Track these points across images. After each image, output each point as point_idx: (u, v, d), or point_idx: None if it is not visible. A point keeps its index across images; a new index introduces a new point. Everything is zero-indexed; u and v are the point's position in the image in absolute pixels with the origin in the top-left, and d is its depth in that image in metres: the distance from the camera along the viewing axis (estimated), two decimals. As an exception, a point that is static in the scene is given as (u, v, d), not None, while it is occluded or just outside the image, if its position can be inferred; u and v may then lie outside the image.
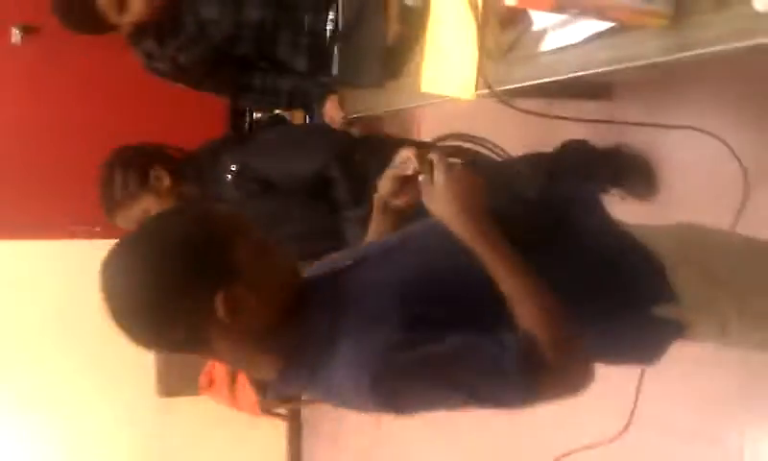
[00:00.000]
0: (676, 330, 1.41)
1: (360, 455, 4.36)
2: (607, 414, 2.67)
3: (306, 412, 5.08)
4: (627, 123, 2.40)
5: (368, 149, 2.39)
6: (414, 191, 1.36)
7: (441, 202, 1.27)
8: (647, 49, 1.31)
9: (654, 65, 1.33)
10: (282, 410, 4.79)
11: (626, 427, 2.61)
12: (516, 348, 1.16)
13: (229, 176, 2.37)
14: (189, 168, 2.43)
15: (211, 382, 4.53)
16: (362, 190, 2.18)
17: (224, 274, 1.17)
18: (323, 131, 2.54)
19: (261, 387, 1.32)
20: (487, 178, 1.32)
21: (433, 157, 1.30)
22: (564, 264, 1.33)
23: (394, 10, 2.10)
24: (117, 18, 2.34)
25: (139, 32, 2.43)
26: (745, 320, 1.47)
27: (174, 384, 4.55)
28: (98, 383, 4.49)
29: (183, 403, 4.64)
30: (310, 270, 1.43)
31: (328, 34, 2.42)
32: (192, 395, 4.56)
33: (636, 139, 2.56)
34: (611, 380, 2.61)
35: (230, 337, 1.21)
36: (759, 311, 1.48)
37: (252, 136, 2.64)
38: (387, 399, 1.18)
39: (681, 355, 2.33)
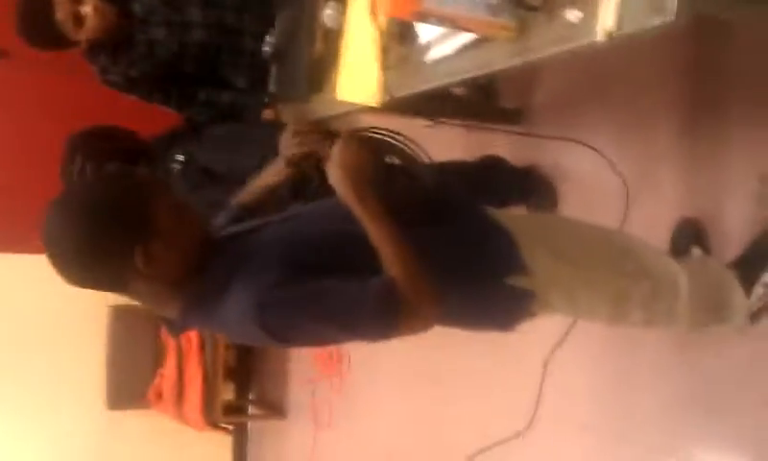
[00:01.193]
0: (526, 298, 1.66)
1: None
2: (513, 411, 2.91)
3: (252, 426, 5.23)
4: (519, 134, 2.70)
5: None
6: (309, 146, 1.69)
7: (332, 167, 1.53)
8: (498, 56, 1.59)
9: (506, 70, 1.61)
10: (227, 425, 4.93)
11: (530, 423, 2.86)
12: (378, 286, 1.42)
13: (177, 166, 2.59)
14: (142, 159, 2.64)
15: (159, 396, 4.68)
16: (302, 186, 2.41)
17: (142, 229, 1.41)
18: (269, 128, 2.77)
19: (168, 323, 1.56)
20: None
21: (342, 134, 1.58)
22: (435, 236, 1.59)
23: (319, 31, 2.38)
24: (75, 34, 2.59)
25: (95, 48, 2.67)
26: (593, 296, 1.74)
27: (123, 398, 4.71)
28: (47, 397, 4.58)
29: (132, 417, 4.78)
30: (224, 230, 1.68)
31: (265, 55, 2.70)
32: (140, 408, 4.71)
33: (537, 157, 2.84)
34: (514, 380, 2.88)
35: (145, 282, 1.45)
36: (604, 287, 1.74)
37: (202, 130, 2.85)
38: (269, 328, 1.42)
39: (577, 353, 2.60)
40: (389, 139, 1.70)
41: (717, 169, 2.23)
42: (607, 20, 1.33)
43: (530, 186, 2.84)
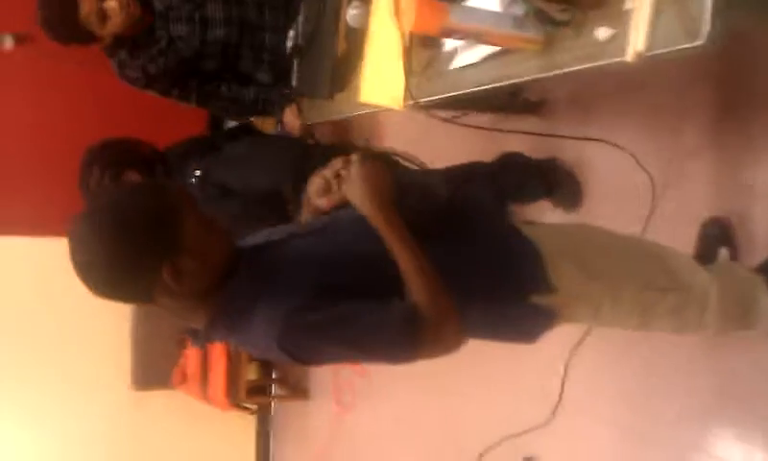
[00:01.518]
0: (549, 317, 1.65)
1: (325, 447, 4.56)
2: (534, 405, 2.91)
3: (275, 407, 5.29)
4: (540, 134, 2.66)
5: (323, 161, 2.59)
6: (337, 194, 1.62)
7: (354, 188, 1.53)
8: (525, 69, 1.57)
9: (540, 79, 1.59)
10: (251, 405, 4.99)
11: (553, 414, 2.86)
12: (401, 310, 1.42)
13: (194, 180, 2.60)
14: (160, 169, 2.65)
15: (184, 377, 4.74)
16: None
17: (171, 245, 1.40)
18: (284, 147, 2.79)
19: (192, 333, 1.57)
20: (401, 176, 1.59)
21: (354, 156, 1.57)
22: (457, 254, 1.58)
23: (341, 30, 2.36)
24: (99, 30, 2.59)
25: (115, 44, 2.67)
26: (619, 310, 1.71)
27: (148, 378, 4.78)
28: (74, 378, 4.65)
29: (157, 397, 4.84)
30: (248, 239, 1.67)
31: (288, 50, 2.70)
32: (165, 389, 4.77)
33: (560, 153, 2.81)
34: (536, 372, 2.88)
35: (173, 296, 1.45)
36: (632, 302, 1.72)
37: (221, 144, 2.85)
38: (291, 349, 1.43)
39: (601, 347, 2.59)
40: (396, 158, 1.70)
41: (747, 170, 2.20)
42: (638, 41, 1.31)
43: (554, 182, 2.81)
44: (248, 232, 2.60)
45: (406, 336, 1.41)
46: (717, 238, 2.22)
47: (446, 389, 3.49)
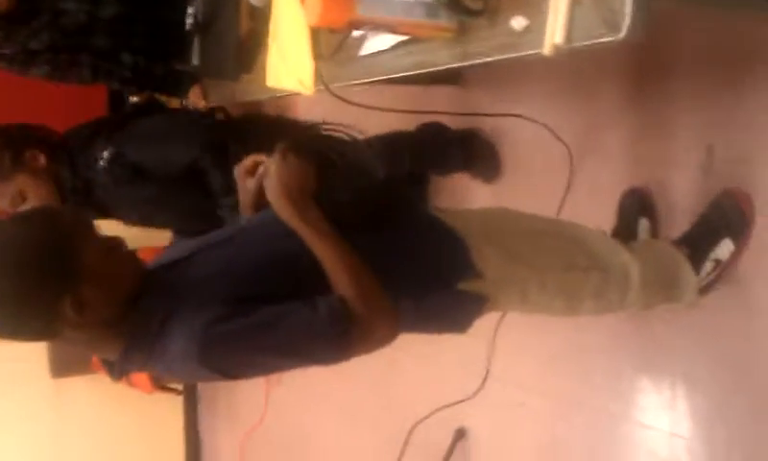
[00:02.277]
0: (478, 304, 1.61)
1: (255, 424, 4.50)
2: (465, 374, 2.90)
3: (201, 386, 5.18)
4: (457, 114, 2.61)
5: (242, 138, 2.44)
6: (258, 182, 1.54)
7: (269, 186, 1.44)
8: (439, 57, 1.49)
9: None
10: (176, 385, 4.87)
11: (482, 385, 2.86)
12: (328, 308, 1.33)
13: (102, 162, 2.42)
14: (63, 151, 2.46)
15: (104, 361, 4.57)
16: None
17: (70, 277, 1.29)
18: (196, 120, 2.63)
19: (108, 365, 1.46)
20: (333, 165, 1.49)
21: (277, 148, 1.46)
22: (382, 247, 1.50)
23: (244, 7, 2.22)
24: None
25: None
26: (545, 292, 1.68)
27: (67, 364, 4.56)
28: (-11, 369, 4.43)
29: (78, 383, 4.65)
30: (154, 261, 1.56)
31: (188, 26, 2.53)
32: (86, 374, 4.57)
33: (478, 125, 2.75)
34: (464, 343, 2.86)
35: (79, 329, 1.33)
36: (556, 284, 1.69)
37: (127, 122, 2.68)
38: (214, 365, 1.33)
39: (527, 317, 2.58)
40: (329, 133, 1.60)
41: (664, 139, 2.18)
42: (555, 34, 1.23)
43: (473, 153, 2.76)
44: (165, 217, 2.48)
45: (336, 334, 1.33)
46: (637, 209, 2.20)
47: (376, 362, 3.43)
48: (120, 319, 1.37)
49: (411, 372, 3.25)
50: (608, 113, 2.36)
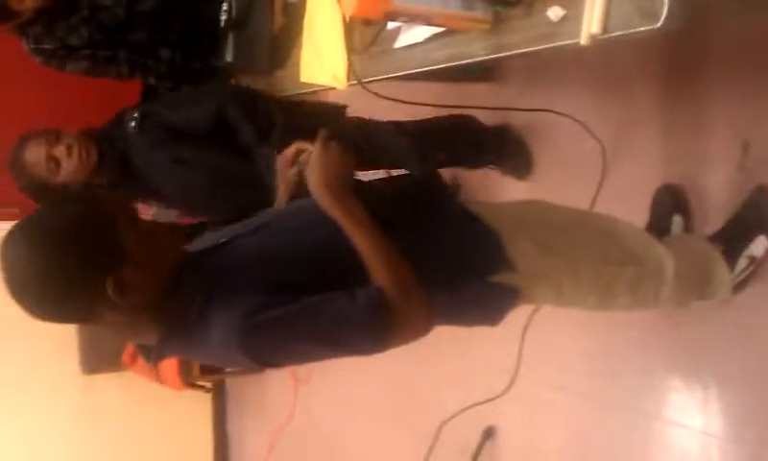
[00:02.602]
0: (512, 296, 1.61)
1: (283, 421, 4.52)
2: (493, 374, 2.89)
3: (230, 383, 5.22)
4: (489, 108, 2.60)
5: (270, 100, 2.46)
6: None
7: (311, 173, 1.44)
8: (473, 49, 1.50)
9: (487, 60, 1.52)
10: (206, 382, 4.91)
11: (511, 383, 2.84)
12: (366, 298, 1.33)
13: (133, 124, 2.43)
14: (98, 131, 2.48)
15: (134, 358, 4.60)
16: (268, 129, 2.32)
17: (112, 257, 1.29)
18: (220, 79, 2.68)
19: (144, 350, 1.46)
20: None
21: (319, 136, 1.48)
22: (418, 238, 1.51)
23: (278, 3, 2.25)
24: (19, 4, 2.39)
25: (30, 19, 2.47)
26: (579, 286, 1.68)
27: (97, 361, 4.61)
28: (21, 367, 4.48)
29: (108, 380, 4.70)
30: (193, 245, 1.57)
31: (222, 23, 2.56)
32: (116, 371, 4.63)
33: (510, 121, 2.75)
34: (494, 341, 2.86)
35: (119, 312, 1.33)
36: (591, 278, 1.69)
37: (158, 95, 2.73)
38: (254, 354, 1.34)
39: (558, 314, 2.57)
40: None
41: (699, 135, 2.16)
42: (592, 23, 1.24)
43: (503, 149, 2.76)
44: (197, 178, 2.47)
45: (375, 324, 1.33)
46: (670, 206, 2.19)
47: (404, 360, 3.44)
48: (159, 304, 1.38)
49: (439, 370, 3.24)
50: (641, 109, 2.34)
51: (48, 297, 1.29)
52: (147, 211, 2.37)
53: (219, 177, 2.42)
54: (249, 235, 1.52)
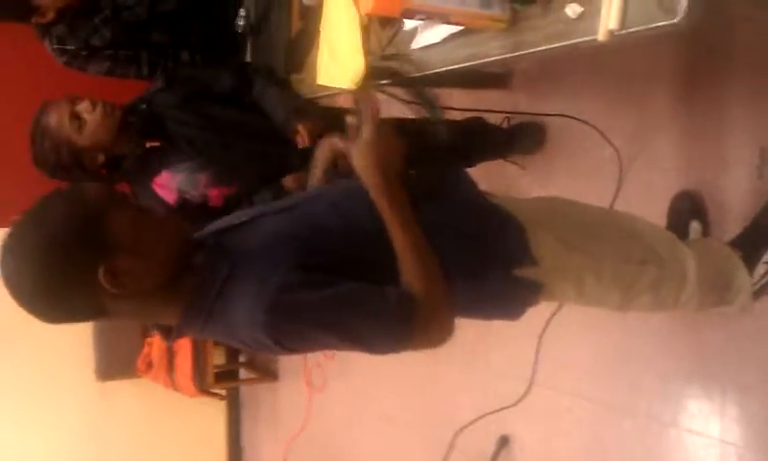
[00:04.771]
0: (533, 291, 1.56)
1: (297, 429, 4.51)
2: (509, 381, 2.88)
3: (245, 391, 5.22)
4: (503, 112, 2.59)
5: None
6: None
7: (362, 153, 1.40)
8: (491, 48, 1.50)
9: (507, 60, 1.51)
10: (220, 390, 4.91)
11: (527, 391, 2.83)
12: (398, 302, 1.31)
13: (161, 82, 2.38)
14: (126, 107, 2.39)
15: (149, 365, 4.63)
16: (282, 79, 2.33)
17: (102, 248, 1.26)
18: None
19: (164, 331, 1.42)
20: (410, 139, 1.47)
21: (368, 108, 1.44)
22: (446, 227, 1.48)
23: (295, 7, 2.26)
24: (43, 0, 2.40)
25: (50, 21, 2.47)
26: (601, 284, 1.64)
27: (113, 368, 4.64)
28: (36, 371, 4.49)
29: (123, 386, 4.71)
30: (213, 224, 1.53)
31: (240, 29, 2.57)
32: (131, 378, 4.65)
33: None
34: (509, 349, 2.85)
35: (123, 302, 1.30)
36: (613, 275, 1.65)
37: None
38: (276, 334, 1.29)
39: (574, 320, 2.55)
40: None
41: (716, 141, 2.15)
42: (610, 19, 1.23)
43: (515, 138, 2.75)
44: (225, 135, 2.42)
45: (400, 328, 1.32)
46: (688, 212, 2.17)
47: (419, 368, 3.45)
48: (172, 285, 1.34)
49: (454, 378, 3.23)
50: (658, 115, 2.33)
51: (50, 302, 1.28)
52: (172, 182, 2.30)
53: (246, 132, 2.36)
54: (274, 214, 1.49)
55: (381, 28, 1.83)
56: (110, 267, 1.26)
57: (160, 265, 1.33)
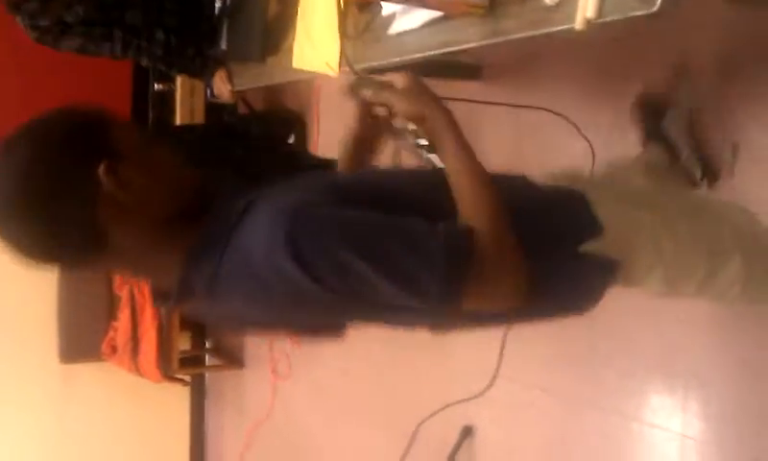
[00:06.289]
0: (607, 271, 1.33)
1: (262, 417, 4.50)
2: (473, 373, 2.88)
3: (210, 378, 5.19)
4: (476, 102, 2.59)
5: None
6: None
7: (412, 94, 1.21)
8: (468, 35, 1.50)
9: (484, 47, 1.51)
10: (185, 376, 4.88)
11: (491, 382, 2.84)
12: (449, 232, 1.09)
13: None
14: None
15: (114, 349, 4.58)
16: None
17: (103, 151, 1.09)
18: None
19: (161, 296, 1.23)
20: None
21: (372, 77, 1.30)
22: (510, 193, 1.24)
23: (273, -10, 2.24)
24: None
25: None
26: (681, 244, 1.40)
27: (76, 351, 4.59)
28: (-1, 351, 4.44)
29: (87, 370, 4.66)
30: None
31: (217, 11, 2.55)
32: (95, 361, 4.60)
33: (498, 118, 2.75)
34: (474, 339, 2.85)
35: (128, 222, 1.12)
36: (690, 234, 1.42)
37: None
38: (302, 256, 1.04)
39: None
40: None
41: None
42: (588, 7, 1.24)
43: None
44: None
45: (450, 267, 1.06)
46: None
47: (383, 359, 3.46)
48: (185, 222, 1.16)
49: (419, 369, 3.24)
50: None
51: (39, 213, 1.07)
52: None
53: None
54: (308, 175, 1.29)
55: (359, 12, 1.83)
56: (113, 167, 1.08)
57: (169, 190, 1.16)
